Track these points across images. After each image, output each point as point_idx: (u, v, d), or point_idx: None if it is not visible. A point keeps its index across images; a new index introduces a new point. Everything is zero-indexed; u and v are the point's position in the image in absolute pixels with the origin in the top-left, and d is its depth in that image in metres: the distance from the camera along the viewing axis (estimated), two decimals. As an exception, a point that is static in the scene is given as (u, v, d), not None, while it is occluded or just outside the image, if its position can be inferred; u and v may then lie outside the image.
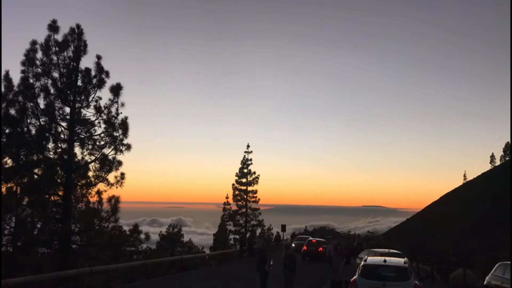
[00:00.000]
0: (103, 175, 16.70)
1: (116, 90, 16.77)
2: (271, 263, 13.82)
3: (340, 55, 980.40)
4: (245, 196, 45.89)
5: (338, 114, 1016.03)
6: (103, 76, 16.63)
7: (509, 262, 14.58)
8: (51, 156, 16.16)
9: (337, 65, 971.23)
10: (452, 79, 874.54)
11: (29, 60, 15.66)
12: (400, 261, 12.59)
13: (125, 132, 16.94)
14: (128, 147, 17.01)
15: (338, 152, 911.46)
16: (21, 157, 15.68)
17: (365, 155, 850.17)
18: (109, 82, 16.79)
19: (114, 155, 16.84)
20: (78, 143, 16.58)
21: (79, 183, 16.66)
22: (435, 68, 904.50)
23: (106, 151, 16.81)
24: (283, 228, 43.70)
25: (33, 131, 15.74)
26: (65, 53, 16.14)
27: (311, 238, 34.75)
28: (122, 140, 16.90)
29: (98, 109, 16.66)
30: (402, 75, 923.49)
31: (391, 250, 21.41)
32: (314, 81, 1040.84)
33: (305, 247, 30.51)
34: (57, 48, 15.96)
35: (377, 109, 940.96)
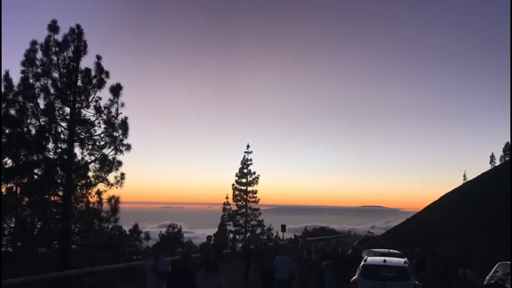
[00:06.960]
0: (103, 175, 16.70)
1: (116, 90, 16.75)
2: None
3: (340, 55, 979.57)
4: (245, 196, 45.92)
5: (338, 114, 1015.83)
6: (103, 76, 16.59)
7: (509, 262, 14.57)
8: (51, 156, 16.14)
9: (337, 66, 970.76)
10: (452, 79, 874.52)
11: (29, 60, 15.62)
12: (400, 261, 12.59)
13: (125, 132, 16.93)
14: (128, 147, 17.01)
15: (338, 152, 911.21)
16: (21, 157, 15.66)
17: (365, 155, 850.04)
18: (109, 82, 16.78)
19: (114, 155, 16.85)
20: (78, 143, 16.56)
21: (79, 183, 16.65)
22: (435, 68, 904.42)
23: (106, 151, 16.81)
24: (283, 228, 43.59)
25: (33, 131, 15.71)
26: (65, 53, 16.10)
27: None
28: (122, 140, 16.90)
29: (98, 109, 16.63)
30: (402, 75, 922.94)
31: (391, 250, 21.34)
32: (313, 81, 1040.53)
33: None
34: (57, 48, 15.93)
35: (377, 109, 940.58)
